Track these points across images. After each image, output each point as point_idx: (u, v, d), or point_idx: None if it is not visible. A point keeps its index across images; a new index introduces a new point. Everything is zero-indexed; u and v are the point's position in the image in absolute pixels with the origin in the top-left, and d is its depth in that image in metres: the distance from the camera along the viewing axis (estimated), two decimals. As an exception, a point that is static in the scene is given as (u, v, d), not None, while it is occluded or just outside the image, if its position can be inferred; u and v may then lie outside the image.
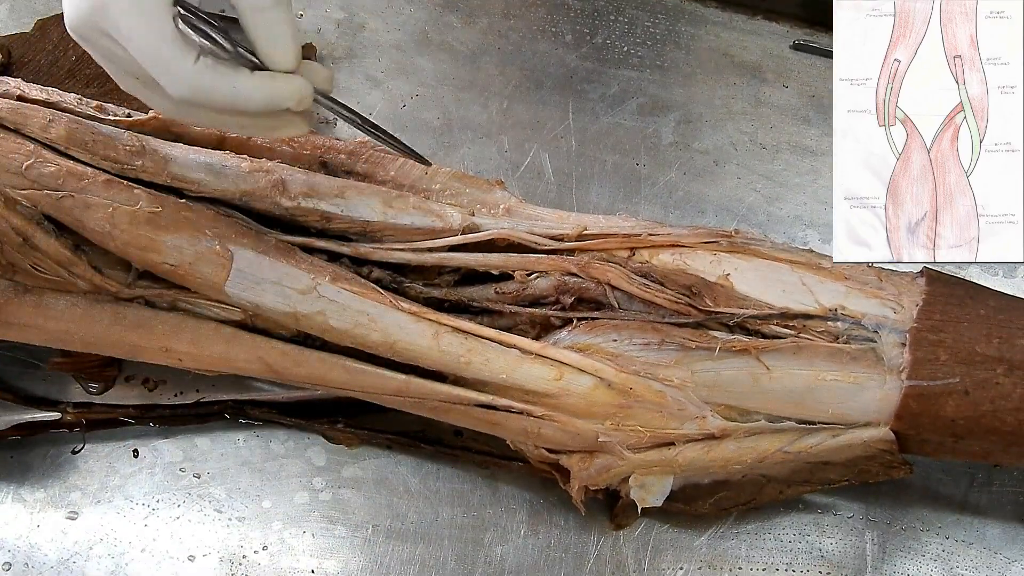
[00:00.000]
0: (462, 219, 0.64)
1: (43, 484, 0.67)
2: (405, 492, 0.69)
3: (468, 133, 0.79)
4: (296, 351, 0.63)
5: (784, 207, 0.80)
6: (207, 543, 0.67)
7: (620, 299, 0.64)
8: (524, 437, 0.64)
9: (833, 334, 0.63)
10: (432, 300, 0.64)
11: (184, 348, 0.62)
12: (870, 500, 0.72)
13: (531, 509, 0.70)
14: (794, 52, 0.84)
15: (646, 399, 0.62)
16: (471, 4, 0.82)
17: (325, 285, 0.61)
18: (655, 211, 0.78)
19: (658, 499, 0.65)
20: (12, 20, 0.76)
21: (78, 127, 0.61)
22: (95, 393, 0.69)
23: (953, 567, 0.71)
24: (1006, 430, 0.62)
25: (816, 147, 0.81)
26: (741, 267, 0.64)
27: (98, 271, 0.62)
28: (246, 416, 0.69)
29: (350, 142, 0.66)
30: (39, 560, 0.66)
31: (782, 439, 0.64)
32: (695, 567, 0.69)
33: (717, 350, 0.62)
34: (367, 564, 0.68)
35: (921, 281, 0.65)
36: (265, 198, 0.63)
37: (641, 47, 0.83)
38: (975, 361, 0.62)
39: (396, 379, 0.62)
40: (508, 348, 0.62)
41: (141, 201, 0.60)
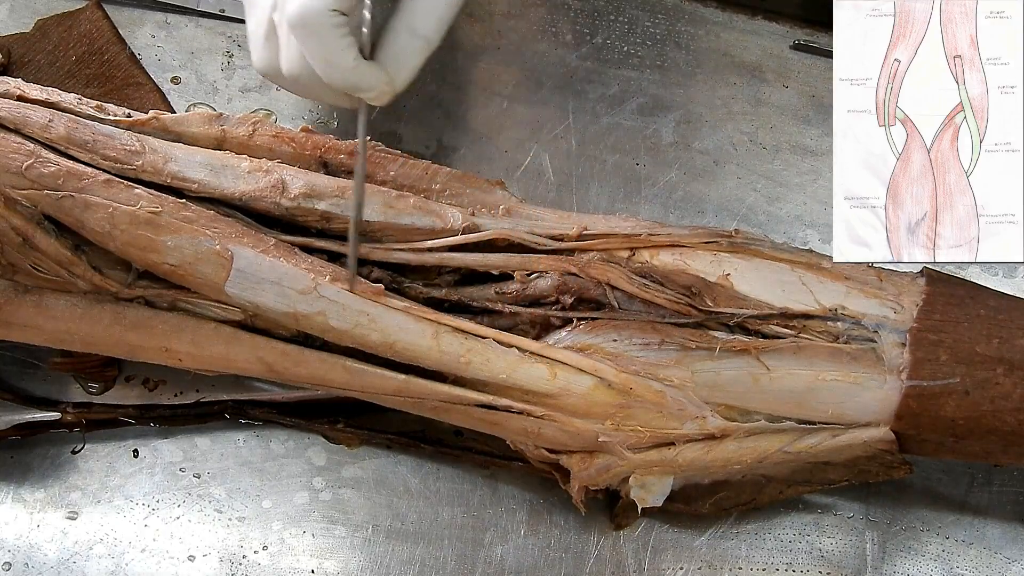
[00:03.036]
0: (462, 219, 0.64)
1: (43, 484, 0.67)
2: (405, 492, 0.69)
3: (468, 133, 0.79)
4: (296, 351, 0.63)
5: (784, 207, 0.80)
6: (207, 543, 0.67)
7: (620, 299, 0.64)
8: (524, 437, 0.64)
9: (833, 334, 0.63)
10: (432, 300, 0.64)
11: (184, 348, 0.62)
12: (870, 500, 0.72)
13: (531, 509, 0.70)
14: (794, 52, 0.84)
15: (646, 399, 0.62)
16: (471, 4, 0.82)
17: (325, 285, 0.61)
18: (655, 211, 0.78)
19: (658, 499, 0.65)
20: (12, 20, 0.76)
21: (78, 127, 0.61)
22: (95, 393, 0.69)
23: (953, 567, 0.71)
24: (1006, 430, 0.62)
25: (816, 147, 0.81)
26: (741, 267, 0.64)
27: (98, 271, 0.62)
28: (246, 416, 0.69)
29: (350, 142, 0.66)
30: (39, 560, 0.66)
31: (782, 439, 0.64)
32: (695, 567, 0.69)
33: (717, 350, 0.62)
34: (367, 564, 0.68)
35: (921, 281, 0.65)
36: (265, 198, 0.63)
37: (641, 47, 0.83)
38: (975, 361, 0.62)
39: (396, 379, 0.62)
40: (508, 348, 0.62)
41: (141, 201, 0.60)
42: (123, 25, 0.76)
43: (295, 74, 0.61)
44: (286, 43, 0.60)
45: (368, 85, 0.59)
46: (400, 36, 0.59)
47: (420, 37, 0.60)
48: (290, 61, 0.60)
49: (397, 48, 0.59)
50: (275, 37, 0.61)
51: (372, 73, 0.59)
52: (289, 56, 0.60)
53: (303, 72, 0.60)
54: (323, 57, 0.57)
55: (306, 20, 0.56)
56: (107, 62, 0.74)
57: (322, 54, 0.57)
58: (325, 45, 0.57)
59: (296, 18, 0.56)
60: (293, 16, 0.56)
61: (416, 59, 0.60)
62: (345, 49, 0.57)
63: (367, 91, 0.59)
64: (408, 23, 0.59)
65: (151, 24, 0.77)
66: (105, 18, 0.76)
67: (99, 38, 0.75)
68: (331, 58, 0.57)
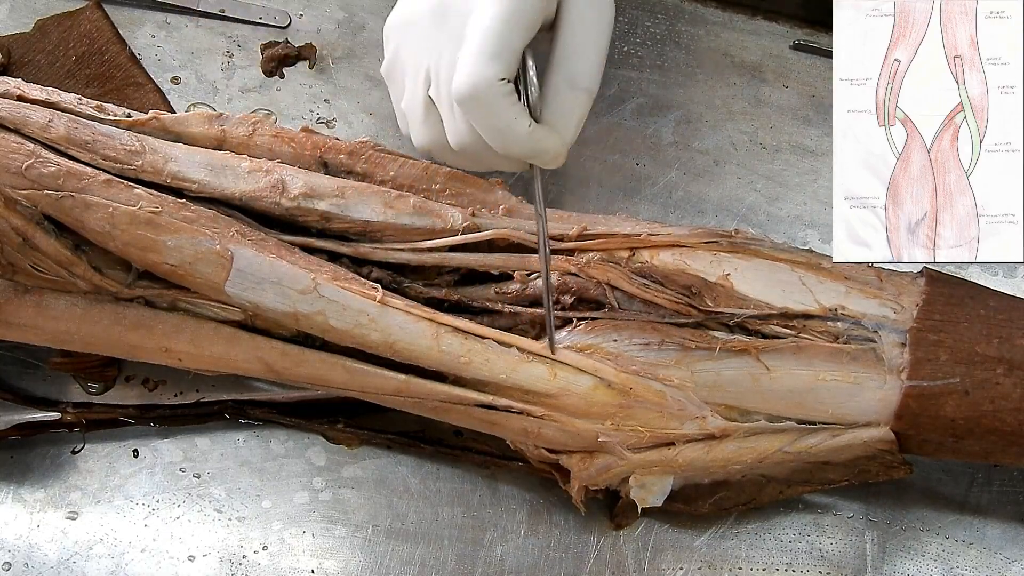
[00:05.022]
0: (462, 219, 0.64)
1: (43, 484, 0.67)
2: (405, 492, 0.69)
3: (468, 133, 0.79)
4: (296, 351, 0.63)
5: (784, 207, 0.80)
6: (207, 543, 0.67)
7: (620, 299, 0.64)
8: (524, 437, 0.64)
9: (833, 334, 0.63)
10: (432, 300, 0.64)
11: (184, 348, 0.62)
12: (870, 500, 0.72)
13: (531, 509, 0.70)
14: (794, 52, 0.84)
15: (646, 399, 0.62)
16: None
17: (325, 285, 0.61)
18: (655, 211, 0.78)
19: (658, 499, 0.65)
20: (12, 20, 0.76)
21: (78, 127, 0.61)
22: (95, 393, 0.69)
23: (953, 567, 0.71)
24: (1006, 430, 0.62)
25: (816, 147, 0.81)
26: (741, 267, 0.64)
27: (98, 271, 0.62)
28: (246, 416, 0.69)
29: (350, 142, 0.66)
30: (39, 560, 0.66)
31: (782, 439, 0.64)
32: (695, 567, 0.69)
33: (717, 350, 0.62)
34: (367, 564, 0.68)
35: (921, 281, 0.65)
36: (265, 198, 0.63)
37: (641, 47, 0.83)
38: (975, 361, 0.62)
39: (396, 379, 0.62)
40: (508, 348, 0.62)
41: (141, 201, 0.60)
42: (123, 25, 0.76)
43: (465, 146, 0.60)
44: (451, 117, 0.59)
45: (544, 149, 0.58)
46: (561, 92, 0.58)
47: (581, 90, 0.59)
48: (459, 135, 0.59)
49: (561, 105, 0.58)
50: (435, 113, 0.61)
51: (547, 136, 0.58)
52: (458, 130, 0.59)
53: (474, 143, 0.59)
54: (496, 128, 0.56)
55: (477, 94, 0.55)
56: (107, 62, 0.74)
57: (496, 125, 0.56)
58: (498, 116, 0.56)
59: (466, 95, 0.55)
60: (463, 92, 0.55)
61: (581, 112, 0.59)
62: (518, 117, 0.56)
63: (542, 156, 0.58)
64: (567, 77, 0.58)
65: (151, 24, 0.77)
66: (105, 18, 0.76)
67: (99, 38, 0.75)
68: (505, 128, 0.56)
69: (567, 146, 0.59)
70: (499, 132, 0.56)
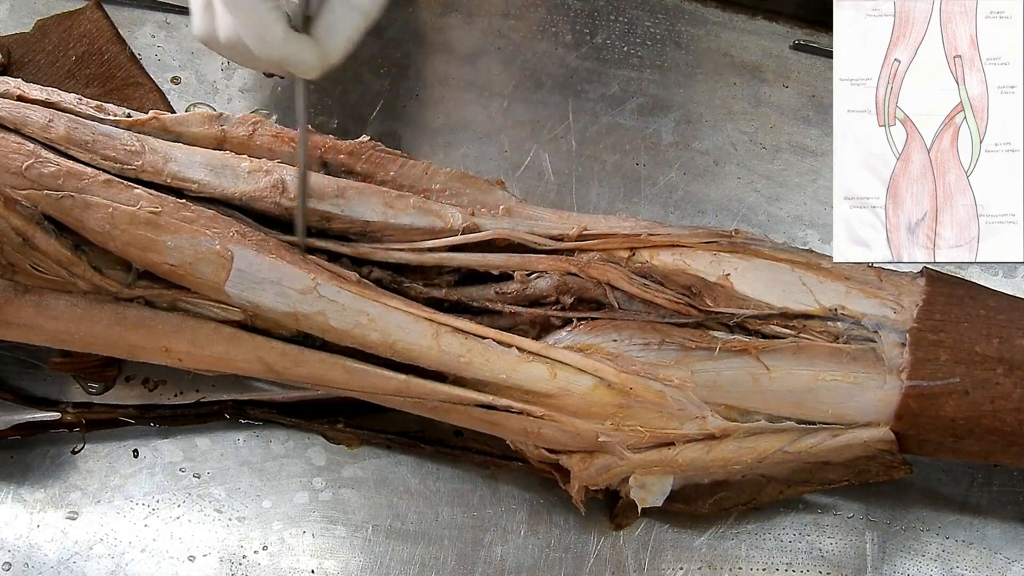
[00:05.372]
0: (462, 219, 0.64)
1: (43, 484, 0.67)
2: (405, 492, 0.69)
3: (468, 133, 0.79)
4: (296, 351, 0.63)
5: (784, 207, 0.80)
6: (207, 543, 0.67)
7: (620, 299, 0.64)
8: (524, 437, 0.64)
9: (833, 334, 0.63)
10: (432, 300, 0.64)
11: (184, 348, 0.62)
12: (870, 500, 0.72)
13: (531, 509, 0.70)
14: (794, 52, 0.84)
15: (646, 399, 0.62)
16: (471, 4, 0.82)
17: (325, 285, 0.61)
18: (655, 211, 0.78)
19: (658, 499, 0.65)
20: (12, 20, 0.76)
21: (78, 127, 0.61)
22: (95, 393, 0.69)
23: (953, 567, 0.71)
24: (1006, 430, 0.62)
25: (816, 147, 0.81)
26: (741, 267, 0.64)
27: (98, 271, 0.62)
28: (246, 416, 0.69)
29: (350, 142, 0.66)
30: (39, 560, 0.66)
31: (782, 439, 0.64)
32: (695, 567, 0.69)
33: (717, 350, 0.62)
34: (367, 564, 0.68)
35: (921, 281, 0.65)
36: (265, 198, 0.63)
37: (641, 47, 0.83)
38: (975, 361, 0.62)
39: (396, 379, 0.62)
40: (508, 348, 0.62)
41: (141, 201, 0.60)
42: (123, 25, 0.76)
43: (233, 43, 0.60)
44: (222, 12, 0.59)
45: (297, 59, 0.57)
46: (335, 9, 0.58)
47: (356, 9, 0.58)
48: (226, 30, 0.60)
49: (331, 21, 0.58)
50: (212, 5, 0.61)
51: (302, 47, 0.57)
52: (225, 25, 0.60)
53: (241, 41, 0.59)
54: (252, 29, 0.56)
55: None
56: (107, 62, 0.74)
57: (251, 26, 0.56)
58: (253, 17, 0.56)
59: None
60: None
61: (351, 32, 0.58)
62: (273, 22, 0.56)
63: (296, 65, 0.57)
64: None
65: (151, 24, 0.77)
66: (105, 18, 0.76)
67: (99, 38, 0.75)
68: (260, 31, 0.56)
69: (328, 62, 0.58)
70: (255, 34, 0.56)
